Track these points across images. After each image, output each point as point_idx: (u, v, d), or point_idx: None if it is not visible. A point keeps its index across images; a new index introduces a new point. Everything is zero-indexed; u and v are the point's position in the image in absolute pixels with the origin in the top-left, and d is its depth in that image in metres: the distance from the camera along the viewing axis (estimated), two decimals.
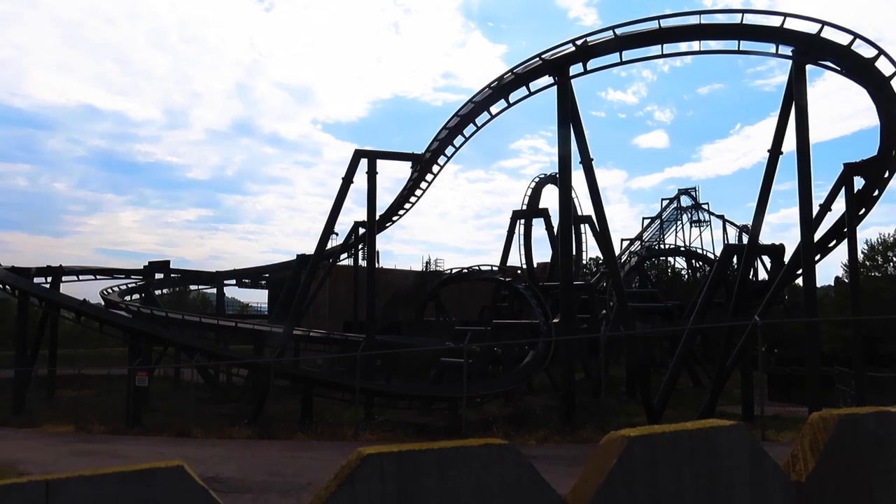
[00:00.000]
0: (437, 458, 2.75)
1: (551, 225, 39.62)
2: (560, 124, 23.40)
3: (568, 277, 23.06)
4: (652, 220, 54.10)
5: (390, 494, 2.66)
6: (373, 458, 2.66)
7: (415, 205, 33.24)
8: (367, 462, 2.68)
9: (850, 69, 22.52)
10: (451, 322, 34.73)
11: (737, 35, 23.20)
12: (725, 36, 23.56)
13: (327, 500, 2.61)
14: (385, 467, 2.70)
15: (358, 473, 2.63)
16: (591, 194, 23.96)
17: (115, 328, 31.49)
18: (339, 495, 2.62)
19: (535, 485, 2.76)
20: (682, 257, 50.35)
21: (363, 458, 2.65)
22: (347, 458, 2.66)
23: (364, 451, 2.68)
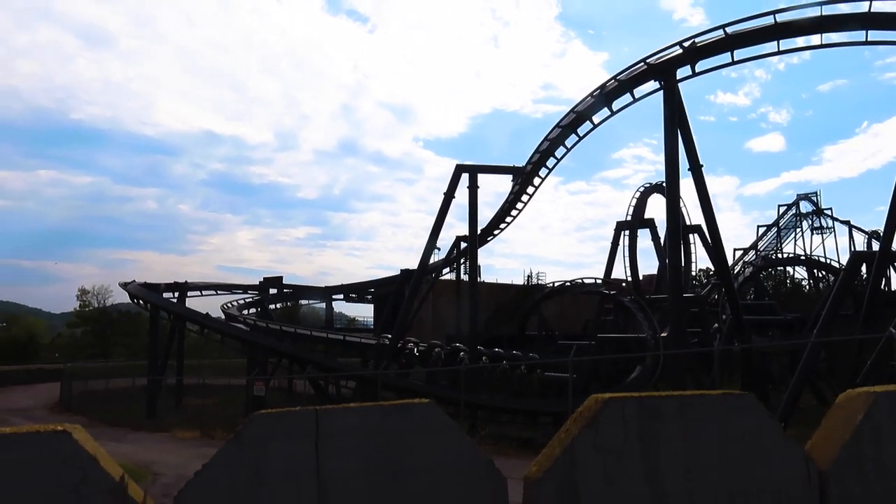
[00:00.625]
0: (677, 404, 2.83)
1: (657, 235, 38.36)
2: (667, 130, 22.69)
3: (677, 289, 22.24)
4: (768, 227, 51.29)
5: (632, 437, 2.76)
6: (615, 402, 2.78)
7: (516, 218, 33.12)
8: (609, 405, 2.79)
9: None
10: (554, 336, 34.20)
11: (864, 25, 21.62)
12: (850, 27, 22.01)
13: (574, 439, 2.74)
14: (626, 411, 2.81)
15: (601, 416, 2.75)
16: (702, 202, 23.07)
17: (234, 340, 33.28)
18: (583, 436, 2.76)
19: (774, 434, 2.76)
20: (802, 267, 47.31)
21: (605, 401, 2.77)
22: (584, 404, 2.78)
23: (602, 396, 2.80)
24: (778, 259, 47.80)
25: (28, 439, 2.76)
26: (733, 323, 26.09)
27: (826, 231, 51.09)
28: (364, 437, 2.79)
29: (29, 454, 2.74)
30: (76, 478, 2.80)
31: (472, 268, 31.08)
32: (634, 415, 2.82)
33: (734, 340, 26.31)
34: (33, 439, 2.77)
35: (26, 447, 2.74)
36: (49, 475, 2.75)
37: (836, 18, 21.98)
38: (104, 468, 2.87)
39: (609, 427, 2.85)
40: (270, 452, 2.84)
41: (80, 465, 2.80)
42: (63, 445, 2.81)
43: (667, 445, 2.83)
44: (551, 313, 37.99)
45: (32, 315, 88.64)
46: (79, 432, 2.93)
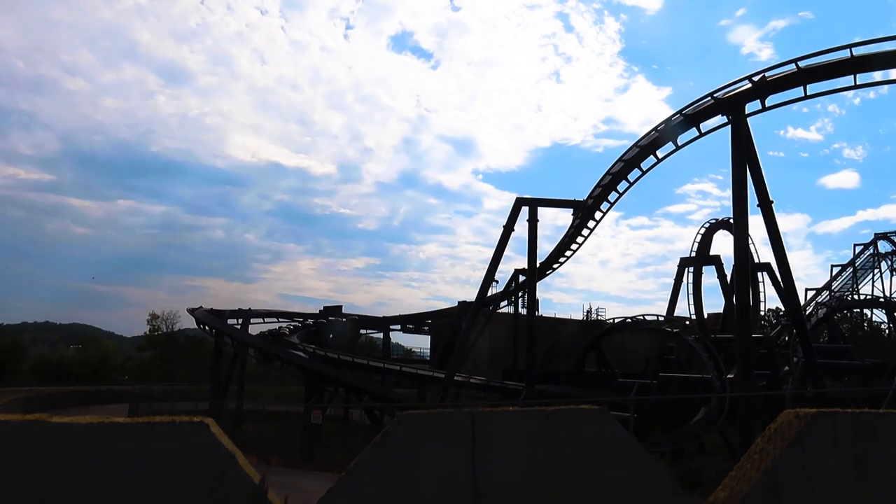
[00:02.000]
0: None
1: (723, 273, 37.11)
2: (734, 165, 22.11)
3: (745, 328, 21.42)
4: (843, 267, 49.06)
5: (846, 461, 2.29)
6: (824, 418, 2.34)
7: (575, 252, 32.66)
8: (818, 422, 2.36)
9: None
10: (614, 374, 33.30)
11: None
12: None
13: (774, 462, 2.35)
14: (838, 430, 2.34)
15: (809, 435, 2.32)
16: (772, 239, 22.28)
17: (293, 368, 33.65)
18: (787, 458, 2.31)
19: None
20: (881, 309, 44.93)
21: (813, 416, 2.36)
22: (778, 419, 2.41)
23: (805, 410, 2.40)
24: (854, 301, 45.56)
25: (163, 430, 2.44)
26: (806, 366, 24.84)
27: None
28: (527, 446, 2.43)
29: (164, 447, 2.42)
30: (214, 476, 2.49)
31: (531, 301, 30.72)
32: (849, 434, 2.32)
33: (807, 385, 25.04)
34: (169, 430, 2.46)
35: (161, 439, 2.43)
36: (185, 471, 2.43)
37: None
38: (243, 468, 2.59)
39: (818, 448, 2.35)
40: (421, 458, 2.50)
41: (217, 462, 2.48)
42: (200, 439, 2.52)
43: (886, 473, 2.32)
44: (611, 350, 37.05)
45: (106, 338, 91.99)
46: (215, 426, 2.68)
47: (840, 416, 2.21)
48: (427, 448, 2.46)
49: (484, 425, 2.38)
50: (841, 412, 2.13)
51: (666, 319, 34.30)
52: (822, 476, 2.19)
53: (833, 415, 2.19)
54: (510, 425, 2.42)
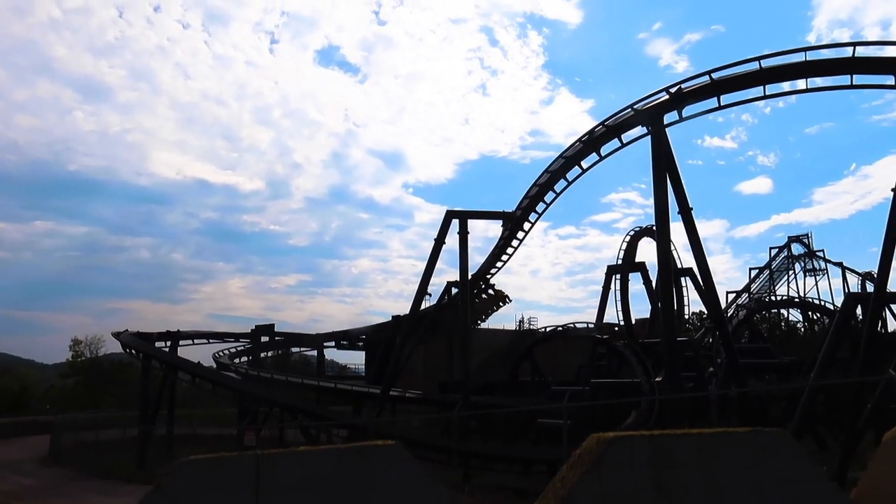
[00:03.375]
0: (697, 444, 2.31)
1: (649, 279, 38.25)
2: (655, 174, 22.80)
3: (671, 332, 22.06)
4: (760, 270, 51.36)
5: (644, 482, 2.22)
6: (621, 443, 2.25)
7: (506, 263, 33.03)
8: (614, 447, 2.26)
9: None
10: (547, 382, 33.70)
11: (849, 69, 21.95)
12: (835, 72, 22.34)
13: (572, 488, 2.24)
14: (636, 454, 2.27)
15: (605, 460, 2.23)
16: (692, 245, 23.03)
17: (225, 389, 32.75)
18: (584, 484, 2.22)
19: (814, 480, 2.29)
20: (796, 309, 47.18)
21: (609, 441, 2.27)
22: (583, 445, 2.31)
23: (605, 435, 2.31)
24: (771, 302, 47.66)
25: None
26: (729, 367, 25.77)
27: (819, 273, 51.20)
28: (315, 491, 2.30)
29: None
30: None
31: (464, 313, 30.84)
32: (646, 458, 2.28)
33: (730, 385, 25.94)
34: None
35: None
36: None
37: (820, 63, 22.33)
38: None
39: (615, 472, 2.30)
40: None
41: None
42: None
43: (684, 495, 2.29)
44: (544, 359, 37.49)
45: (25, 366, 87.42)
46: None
47: (637, 440, 2.20)
48: (206, 499, 2.22)
49: (270, 469, 2.19)
50: (638, 436, 2.10)
51: (596, 326, 35.05)
52: (619, 500, 2.15)
53: (630, 439, 2.18)
54: (298, 467, 2.23)
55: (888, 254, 21.66)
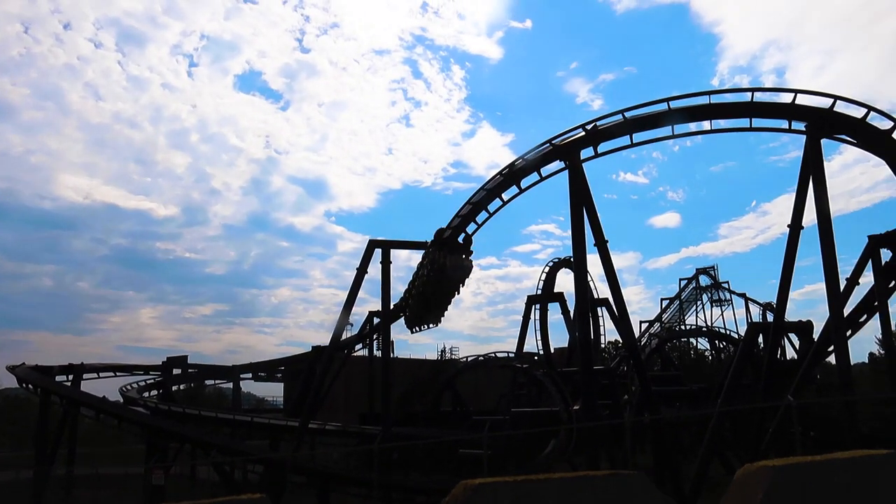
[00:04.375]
0: (558, 488, 2.35)
1: (567, 309, 39.17)
2: (572, 208, 23.51)
3: (588, 362, 22.61)
4: (671, 300, 53.48)
5: None
6: (485, 489, 2.26)
7: None
8: (479, 493, 2.27)
9: (867, 142, 22.51)
10: (469, 412, 33.85)
11: (748, 113, 23.42)
12: (736, 114, 23.79)
13: None
14: (500, 500, 2.29)
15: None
16: (608, 276, 23.78)
17: (132, 425, 31.20)
18: None
19: None
20: (704, 338, 49.34)
21: (475, 488, 2.26)
22: (452, 492, 2.31)
23: (472, 482, 2.30)
24: (681, 331, 49.63)
25: None
26: (642, 394, 26.60)
27: (724, 303, 53.76)
28: None
29: None
30: None
31: (385, 343, 30.68)
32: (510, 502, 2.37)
33: (644, 412, 26.76)
34: None
35: None
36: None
37: (722, 107, 23.78)
38: None
39: None
40: None
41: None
42: None
43: None
44: (465, 389, 37.72)
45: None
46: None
47: (501, 486, 2.31)
48: None
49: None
50: (502, 482, 2.21)
51: (516, 356, 35.53)
52: None
53: (494, 485, 2.27)
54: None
55: (785, 286, 23.08)
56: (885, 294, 23.58)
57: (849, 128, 22.27)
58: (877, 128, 21.81)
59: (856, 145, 22.78)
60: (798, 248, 22.87)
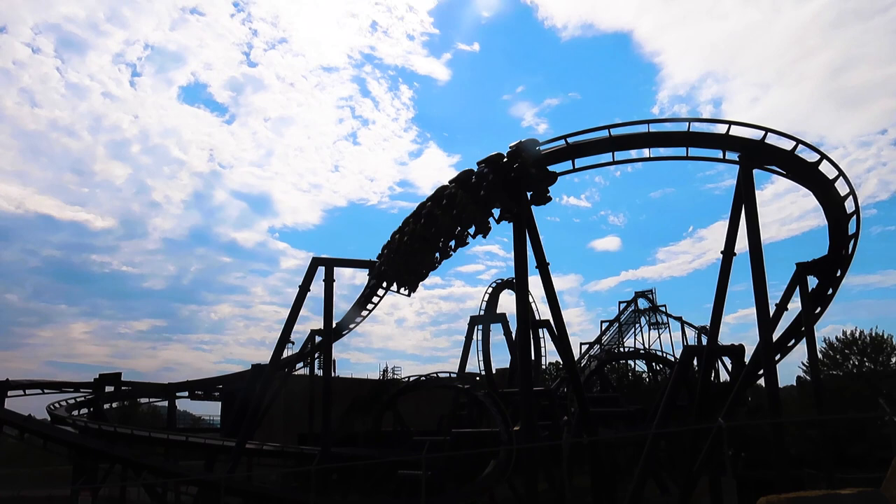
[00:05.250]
0: None
1: (509, 330, 39.54)
2: (515, 229, 23.81)
3: (527, 383, 22.77)
4: (610, 323, 54.50)
5: None
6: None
7: (371, 312, 33.01)
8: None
9: (796, 173, 23.45)
10: (409, 432, 33.72)
11: (685, 142, 24.14)
12: (674, 143, 24.47)
13: None
14: None
15: None
16: (548, 298, 24.13)
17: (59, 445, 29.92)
18: None
19: None
20: (642, 360, 50.38)
21: None
22: None
23: None
24: (620, 353, 50.60)
25: None
26: (581, 416, 26.99)
27: (662, 326, 55.07)
28: None
29: None
30: None
31: (327, 362, 30.37)
32: None
33: (582, 433, 27.14)
34: None
35: None
36: None
37: (661, 135, 24.51)
38: None
39: None
40: None
41: None
42: None
43: None
44: (407, 409, 37.56)
45: None
46: None
47: None
48: None
49: None
50: None
51: (458, 376, 35.60)
52: None
53: None
54: None
55: (719, 310, 23.81)
56: (812, 320, 24.62)
57: (779, 159, 23.22)
58: (805, 160, 22.82)
59: (785, 176, 23.76)
60: (731, 274, 23.65)
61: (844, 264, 23.95)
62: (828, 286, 24.56)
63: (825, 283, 24.54)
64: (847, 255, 24.01)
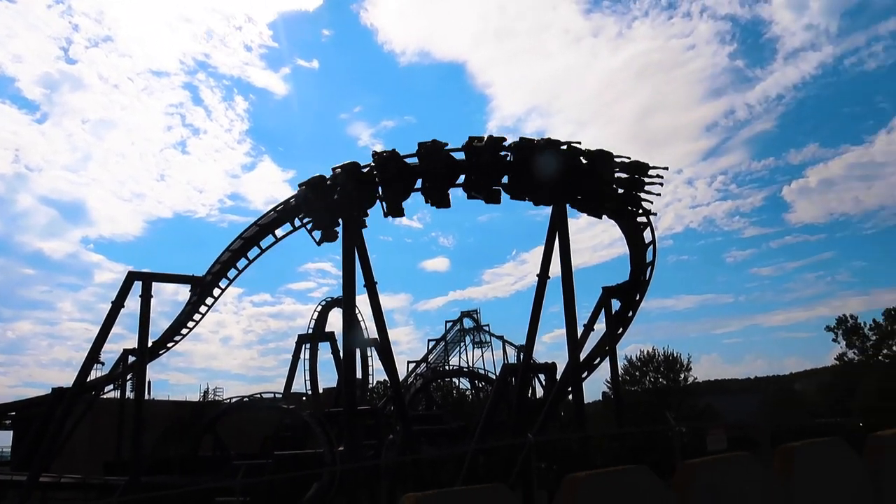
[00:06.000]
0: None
1: (338, 349, 39.31)
2: (344, 250, 23.94)
3: (352, 402, 22.88)
4: (437, 341, 55.90)
5: None
6: None
7: (192, 330, 31.44)
8: None
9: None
10: (229, 456, 32.30)
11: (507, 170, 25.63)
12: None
13: None
14: None
15: None
16: (375, 317, 24.44)
17: None
18: None
19: None
20: (466, 378, 52.13)
21: None
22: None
23: None
24: (445, 371, 52.03)
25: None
26: (404, 434, 27.46)
27: (485, 345, 57.31)
28: None
29: None
30: None
31: (140, 383, 28.40)
32: None
33: (406, 451, 27.56)
34: None
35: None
36: None
37: None
38: None
39: None
40: None
41: None
42: None
43: None
44: (228, 431, 35.92)
45: None
46: None
47: None
48: None
49: None
50: None
51: (283, 396, 34.75)
52: None
53: None
54: None
55: (534, 330, 25.40)
56: (615, 340, 26.98)
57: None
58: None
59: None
60: (545, 296, 25.36)
61: (643, 289, 26.56)
62: (628, 309, 27.07)
63: (626, 306, 27.02)
64: (645, 280, 26.66)
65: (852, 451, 2.33)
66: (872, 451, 2.22)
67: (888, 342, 40.09)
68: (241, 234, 28.08)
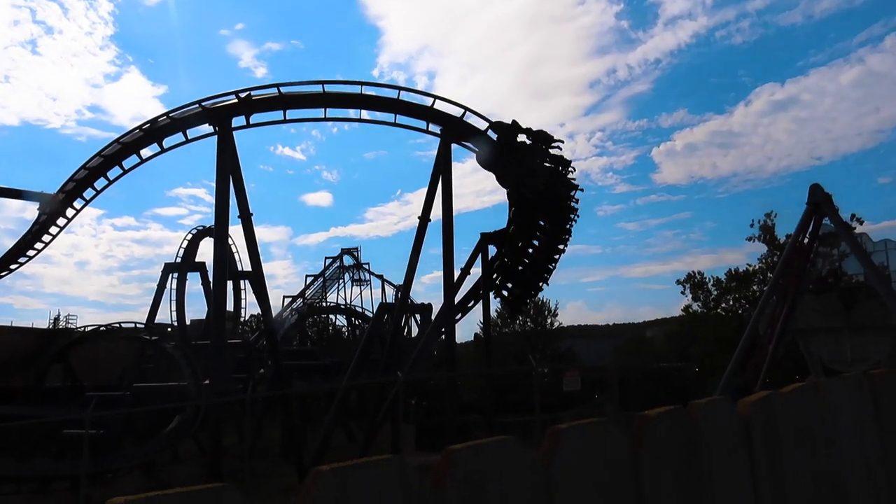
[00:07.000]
0: None
1: (208, 280, 37.57)
2: (219, 176, 22.58)
3: (220, 334, 21.99)
4: (315, 277, 54.97)
5: None
6: None
7: (41, 252, 28.77)
8: None
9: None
10: (82, 387, 30.37)
11: (394, 109, 24.99)
12: (384, 108, 25.19)
13: None
14: None
15: None
16: (249, 250, 23.43)
17: None
18: None
19: None
20: (342, 315, 51.80)
21: None
22: None
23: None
24: (322, 307, 51.42)
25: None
26: (275, 369, 26.87)
27: (364, 283, 57.00)
28: None
29: None
30: None
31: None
32: None
33: (276, 386, 27.04)
34: None
35: None
36: None
37: (373, 99, 25.03)
38: None
39: None
40: None
41: None
42: None
43: None
44: (82, 362, 33.67)
45: None
46: None
47: None
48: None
49: None
50: None
51: (146, 327, 32.91)
52: None
53: None
54: None
55: (412, 270, 25.36)
56: (489, 285, 27.38)
57: (473, 137, 25.28)
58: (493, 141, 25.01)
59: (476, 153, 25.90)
60: (426, 238, 25.28)
61: None
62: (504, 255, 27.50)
63: (502, 252, 27.45)
64: None
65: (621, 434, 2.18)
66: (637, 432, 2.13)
67: (726, 297, 44.11)
68: (101, 152, 25.62)
